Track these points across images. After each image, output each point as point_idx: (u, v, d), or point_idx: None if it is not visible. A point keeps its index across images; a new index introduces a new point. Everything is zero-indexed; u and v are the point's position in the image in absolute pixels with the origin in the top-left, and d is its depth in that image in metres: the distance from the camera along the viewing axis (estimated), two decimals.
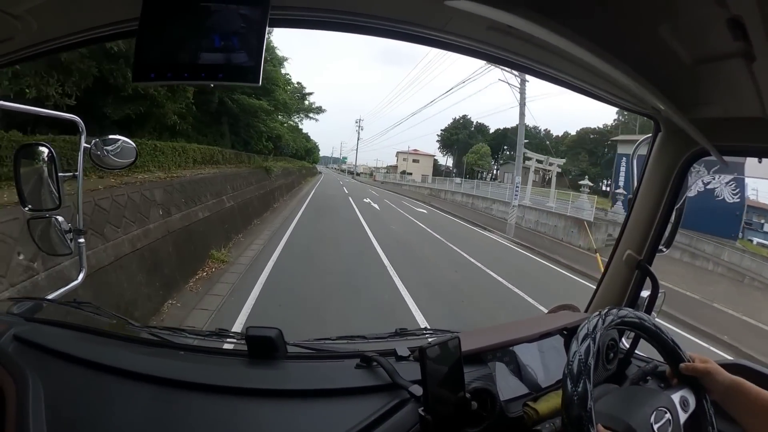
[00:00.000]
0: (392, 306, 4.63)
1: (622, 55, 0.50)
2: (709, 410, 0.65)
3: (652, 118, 0.93)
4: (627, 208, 1.05)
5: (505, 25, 0.50)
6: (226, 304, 4.21)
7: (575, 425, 0.51)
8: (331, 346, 0.78)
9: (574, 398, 0.51)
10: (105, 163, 1.03)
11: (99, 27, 0.64)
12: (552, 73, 0.74)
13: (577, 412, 0.51)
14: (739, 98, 0.70)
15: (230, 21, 0.49)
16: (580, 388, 0.52)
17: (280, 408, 0.56)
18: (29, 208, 0.99)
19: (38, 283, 2.67)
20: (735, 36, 0.47)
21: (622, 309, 0.63)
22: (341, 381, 0.62)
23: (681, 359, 0.67)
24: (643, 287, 1.02)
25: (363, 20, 0.61)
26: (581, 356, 0.54)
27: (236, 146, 12.39)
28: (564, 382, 0.53)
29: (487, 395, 0.64)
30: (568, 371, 0.54)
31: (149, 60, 0.52)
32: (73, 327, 0.75)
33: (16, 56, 0.71)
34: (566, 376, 0.53)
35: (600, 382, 0.76)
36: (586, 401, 0.51)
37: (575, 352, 0.55)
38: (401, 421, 0.55)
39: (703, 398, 0.65)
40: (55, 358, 0.61)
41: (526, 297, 5.77)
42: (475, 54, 0.69)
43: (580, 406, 0.51)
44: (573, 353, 0.55)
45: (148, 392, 0.55)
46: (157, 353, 0.68)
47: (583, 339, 0.56)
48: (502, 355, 0.74)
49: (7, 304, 0.87)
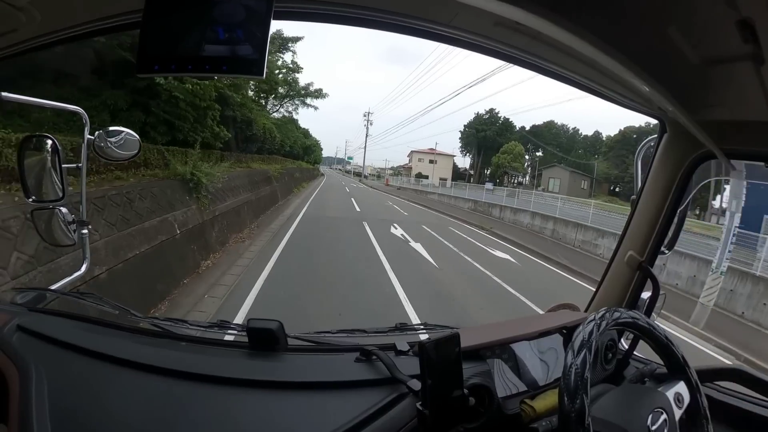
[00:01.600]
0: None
1: (630, 55, 0.50)
2: (703, 404, 0.65)
3: (659, 118, 0.92)
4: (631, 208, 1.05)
5: (513, 21, 0.50)
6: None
7: (572, 406, 0.50)
8: (332, 340, 0.79)
9: (571, 415, 0.50)
10: (108, 154, 1.04)
11: (103, 18, 0.64)
12: (559, 71, 0.73)
13: (574, 428, 0.50)
14: (747, 101, 0.69)
15: (235, 13, 0.49)
16: (578, 405, 0.51)
17: (280, 399, 0.56)
18: (33, 200, 1.00)
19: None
20: (745, 38, 0.46)
21: (616, 310, 0.63)
22: (341, 374, 0.62)
23: (678, 361, 0.67)
24: (644, 289, 1.02)
25: (368, 14, 0.60)
26: (578, 369, 0.53)
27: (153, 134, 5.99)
28: (560, 397, 0.52)
29: (484, 392, 0.64)
30: (564, 386, 0.53)
31: (153, 52, 0.51)
32: (76, 317, 0.76)
33: (20, 48, 0.71)
34: (563, 391, 0.52)
35: (598, 382, 0.76)
36: (584, 418, 0.50)
37: (571, 364, 0.54)
38: (399, 414, 0.55)
39: (697, 392, 0.66)
40: (59, 348, 0.61)
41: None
42: (481, 50, 0.68)
43: (577, 422, 0.50)
44: (569, 366, 0.54)
45: (149, 382, 0.56)
46: (159, 344, 0.69)
47: (579, 349, 0.55)
48: (500, 352, 0.75)
49: (10, 294, 0.88)
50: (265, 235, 7.76)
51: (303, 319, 3.63)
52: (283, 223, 9.35)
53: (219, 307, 3.97)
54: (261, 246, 6.81)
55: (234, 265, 5.50)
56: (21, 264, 2.67)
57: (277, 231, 8.28)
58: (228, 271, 5.21)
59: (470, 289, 5.73)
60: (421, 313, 4.22)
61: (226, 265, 5.43)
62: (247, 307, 3.97)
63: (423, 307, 4.47)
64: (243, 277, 4.96)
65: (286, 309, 4.03)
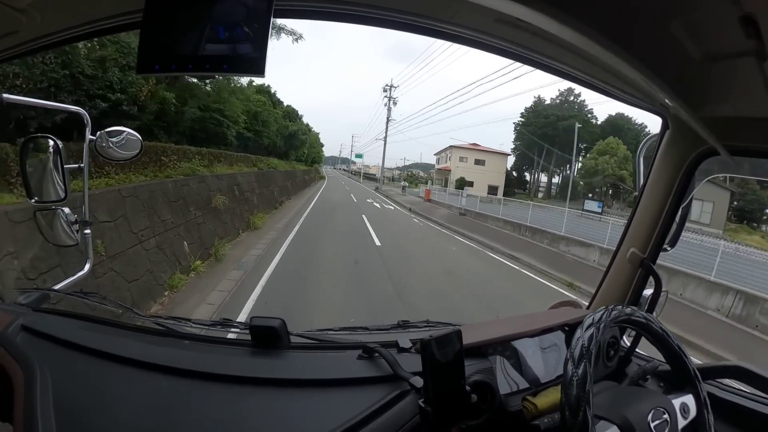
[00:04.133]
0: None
1: (632, 50, 0.49)
2: (709, 419, 0.64)
3: (661, 115, 0.92)
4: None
5: (514, 18, 0.50)
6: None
7: (573, 407, 0.51)
8: (334, 337, 0.79)
9: (574, 379, 0.52)
10: (110, 155, 1.04)
11: (103, 19, 0.64)
12: (561, 68, 0.73)
13: (575, 392, 0.51)
14: (750, 97, 0.68)
15: (235, 12, 0.49)
16: (581, 370, 0.52)
17: (283, 397, 0.57)
18: (35, 200, 1.00)
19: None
20: (747, 34, 0.46)
21: (628, 307, 0.63)
22: (343, 371, 0.63)
23: (686, 366, 0.67)
24: (646, 286, 1.01)
25: (369, 11, 0.60)
26: (584, 342, 0.55)
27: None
28: (565, 365, 0.54)
29: (487, 388, 0.64)
30: (570, 355, 0.54)
31: (154, 51, 0.52)
32: (80, 317, 0.76)
33: (20, 49, 0.71)
34: (567, 360, 0.54)
35: (600, 379, 0.76)
36: (586, 383, 0.51)
37: (578, 338, 0.56)
38: (401, 412, 0.55)
39: (705, 408, 0.65)
40: (62, 348, 0.62)
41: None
42: (483, 47, 0.68)
43: (579, 387, 0.51)
44: (576, 339, 0.56)
45: (153, 381, 0.56)
46: (162, 342, 0.69)
47: (588, 328, 0.57)
48: (503, 349, 0.75)
49: (14, 294, 0.89)
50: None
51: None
52: None
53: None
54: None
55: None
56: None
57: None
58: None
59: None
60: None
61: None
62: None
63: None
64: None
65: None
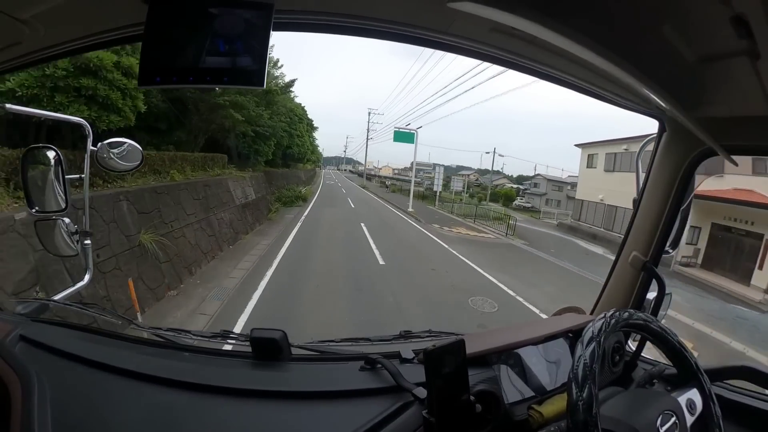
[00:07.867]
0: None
1: (626, 55, 0.50)
2: (716, 412, 0.64)
3: (657, 118, 0.92)
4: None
5: (509, 27, 0.50)
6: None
7: (580, 431, 0.50)
8: (335, 348, 0.78)
9: (579, 404, 0.51)
10: (111, 166, 1.04)
11: (106, 32, 0.65)
12: (557, 75, 0.74)
13: (582, 417, 0.50)
14: (744, 97, 0.69)
15: (235, 25, 0.50)
16: (585, 394, 0.51)
17: (285, 409, 0.56)
18: (36, 210, 1.00)
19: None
20: (739, 34, 0.46)
21: (626, 311, 0.62)
22: (345, 383, 0.62)
23: (688, 362, 0.66)
24: (650, 289, 1.01)
25: (366, 23, 0.61)
26: (586, 360, 0.53)
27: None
28: (569, 387, 0.53)
29: (491, 398, 0.63)
30: (573, 376, 0.53)
31: (155, 64, 0.52)
32: (79, 327, 0.75)
33: (24, 60, 0.72)
34: (571, 380, 0.53)
35: (606, 385, 0.75)
36: (592, 407, 0.50)
37: (580, 356, 0.54)
38: (405, 423, 0.54)
39: (710, 400, 0.64)
40: (61, 358, 0.61)
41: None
42: (479, 56, 0.69)
43: (585, 411, 0.50)
44: (578, 357, 0.54)
45: (152, 393, 0.56)
46: (161, 354, 0.69)
47: (588, 343, 0.55)
48: (506, 357, 0.74)
49: (13, 304, 0.88)
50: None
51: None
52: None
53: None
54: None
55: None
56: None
57: None
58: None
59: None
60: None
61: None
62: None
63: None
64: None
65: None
